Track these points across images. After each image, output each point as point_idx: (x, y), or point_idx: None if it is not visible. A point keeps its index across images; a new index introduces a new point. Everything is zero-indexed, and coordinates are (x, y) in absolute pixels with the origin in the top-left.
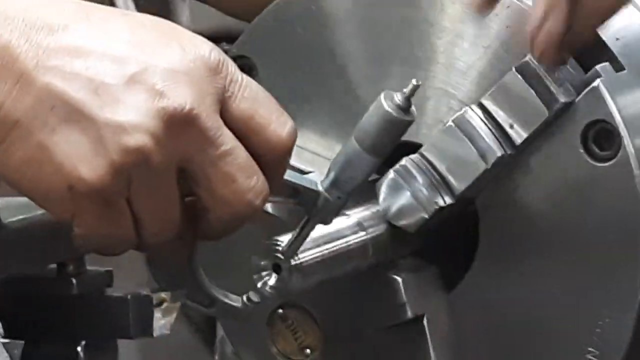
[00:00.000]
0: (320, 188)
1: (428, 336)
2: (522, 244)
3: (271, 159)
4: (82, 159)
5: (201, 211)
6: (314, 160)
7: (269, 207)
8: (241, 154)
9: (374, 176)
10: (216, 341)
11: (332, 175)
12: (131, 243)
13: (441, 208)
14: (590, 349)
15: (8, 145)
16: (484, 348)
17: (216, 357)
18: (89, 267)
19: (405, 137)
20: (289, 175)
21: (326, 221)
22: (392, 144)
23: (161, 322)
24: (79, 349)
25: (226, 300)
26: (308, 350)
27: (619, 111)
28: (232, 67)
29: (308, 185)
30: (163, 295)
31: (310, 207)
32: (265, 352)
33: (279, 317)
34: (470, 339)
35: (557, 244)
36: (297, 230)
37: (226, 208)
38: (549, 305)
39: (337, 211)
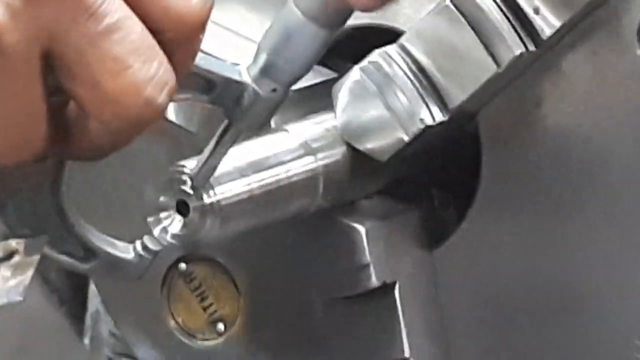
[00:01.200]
0: (245, 78)
1: (400, 313)
2: (542, 184)
3: (176, 36)
4: None
5: (75, 116)
6: (238, 45)
7: (172, 113)
8: (134, 28)
9: (328, 75)
10: (86, 317)
11: (262, 58)
12: None
13: (428, 127)
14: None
15: None
16: (480, 329)
17: (86, 340)
18: None
19: (379, 20)
20: (201, 62)
21: (256, 127)
22: (348, 10)
23: (10, 284)
24: None
25: (110, 250)
26: (221, 325)
27: None
28: None
29: (228, 75)
30: (14, 244)
31: (232, 107)
32: (159, 327)
33: (180, 276)
34: (462, 317)
35: (594, 186)
36: (212, 143)
37: (113, 108)
38: (576, 274)
39: (271, 112)
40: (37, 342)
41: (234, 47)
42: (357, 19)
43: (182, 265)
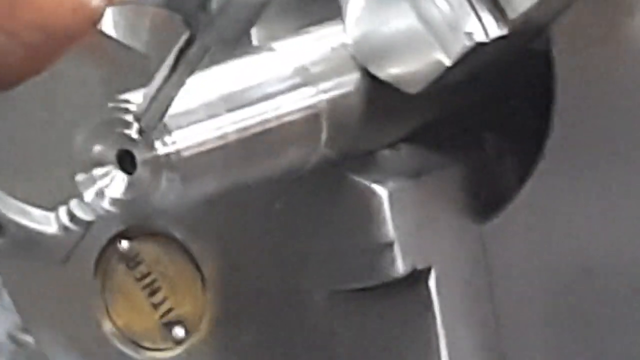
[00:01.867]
0: None
1: (436, 309)
2: (631, 123)
3: None
4: None
5: None
6: None
7: (111, 25)
8: None
9: None
10: None
11: None
12: None
13: (478, 45)
14: None
15: None
16: (541, 326)
17: None
18: None
19: None
20: None
21: (228, 41)
22: None
23: None
24: None
25: (23, 221)
26: (180, 329)
27: None
28: None
29: None
30: None
31: (194, 13)
32: (90, 331)
33: (120, 259)
34: (518, 310)
35: None
36: (168, 65)
37: (27, 14)
38: None
39: (251, 21)
40: None
41: None
42: None
43: (124, 244)
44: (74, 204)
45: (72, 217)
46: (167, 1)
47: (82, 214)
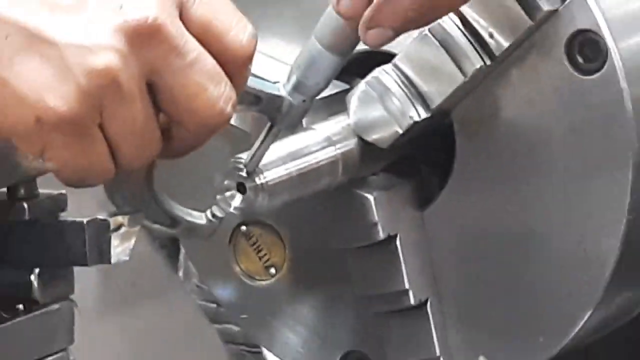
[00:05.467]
0: (283, 93)
1: (401, 257)
2: (501, 160)
3: (232, 66)
4: (47, 88)
5: (170, 127)
6: (277, 68)
7: (232, 119)
8: (208, 60)
9: (343, 87)
10: (180, 256)
11: (294, 78)
12: (108, 172)
13: (415, 122)
14: (572, 273)
15: None
16: (458, 268)
17: (180, 273)
18: (41, 190)
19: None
20: (251, 82)
21: (291, 126)
22: (355, 42)
23: (119, 249)
24: (32, 276)
25: (189, 219)
26: (273, 270)
27: (606, 20)
28: None
29: (270, 91)
30: (120, 219)
31: (273, 114)
32: (228, 272)
33: (242, 235)
34: (445, 259)
35: (538, 161)
36: (261, 138)
37: (198, 119)
38: (528, 225)
39: (302, 116)
40: (144, 276)
41: (274, 69)
42: (362, 46)
43: (243, 227)
44: (214, 208)
45: (214, 215)
46: (259, 109)
47: (219, 213)
